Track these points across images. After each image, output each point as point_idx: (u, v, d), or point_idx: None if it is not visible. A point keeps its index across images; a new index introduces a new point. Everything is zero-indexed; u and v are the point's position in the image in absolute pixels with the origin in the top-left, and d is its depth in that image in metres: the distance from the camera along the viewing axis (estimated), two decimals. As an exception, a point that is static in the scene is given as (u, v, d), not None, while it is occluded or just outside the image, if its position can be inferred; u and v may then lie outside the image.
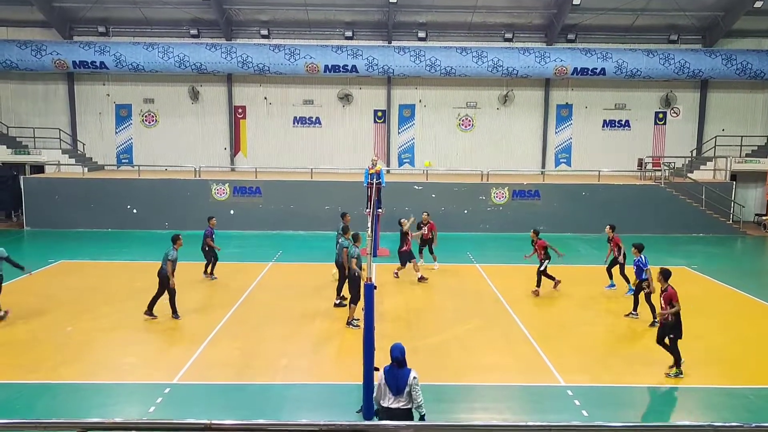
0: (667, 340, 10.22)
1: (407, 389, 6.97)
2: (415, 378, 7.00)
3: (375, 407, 7.34)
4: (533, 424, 3.11)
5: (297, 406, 9.20)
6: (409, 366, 7.11)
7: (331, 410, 9.02)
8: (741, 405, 9.40)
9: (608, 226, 15.79)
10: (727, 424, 2.98)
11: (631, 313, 13.34)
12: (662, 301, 10.31)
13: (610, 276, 15.60)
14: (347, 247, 12.72)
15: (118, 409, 9.05)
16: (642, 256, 13.14)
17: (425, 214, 17.97)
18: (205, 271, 16.39)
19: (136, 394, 9.61)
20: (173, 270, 12.64)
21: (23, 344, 11.44)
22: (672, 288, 10.24)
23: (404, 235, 16.56)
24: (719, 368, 10.74)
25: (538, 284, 15.18)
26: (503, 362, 10.92)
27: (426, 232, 17.64)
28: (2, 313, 12.59)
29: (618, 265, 15.34)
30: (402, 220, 16.94)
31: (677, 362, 10.17)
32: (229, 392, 9.64)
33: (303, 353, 11.25)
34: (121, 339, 11.87)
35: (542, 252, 15.31)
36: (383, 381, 7.04)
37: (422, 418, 7.07)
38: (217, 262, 16.50)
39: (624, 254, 15.11)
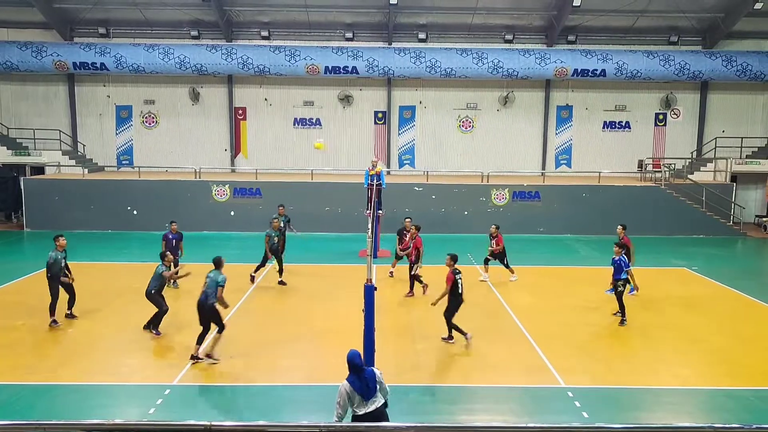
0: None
1: (378, 388, 6.99)
2: (380, 374, 7.10)
3: (335, 421, 6.92)
4: (534, 425, 3.11)
5: (297, 408, 9.19)
6: (375, 367, 7.16)
7: (331, 412, 8.98)
8: (742, 406, 9.39)
9: (620, 226, 15.60)
10: (727, 426, 2.98)
11: (617, 313, 13.14)
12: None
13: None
14: (220, 284, 10.78)
15: (118, 411, 9.05)
16: (623, 255, 13.05)
17: (407, 219, 16.52)
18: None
19: (136, 395, 9.61)
20: (162, 287, 12.29)
21: (23, 345, 11.44)
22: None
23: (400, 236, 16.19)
24: (720, 369, 10.73)
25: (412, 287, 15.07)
26: (504, 363, 10.91)
27: (407, 246, 15.78)
28: None
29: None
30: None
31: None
32: (229, 394, 9.63)
33: (303, 354, 11.24)
34: (121, 340, 11.87)
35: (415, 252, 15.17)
36: (351, 391, 6.89)
37: (386, 404, 7.10)
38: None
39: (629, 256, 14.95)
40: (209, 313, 10.65)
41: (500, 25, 26.43)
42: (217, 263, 11.04)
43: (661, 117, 27.61)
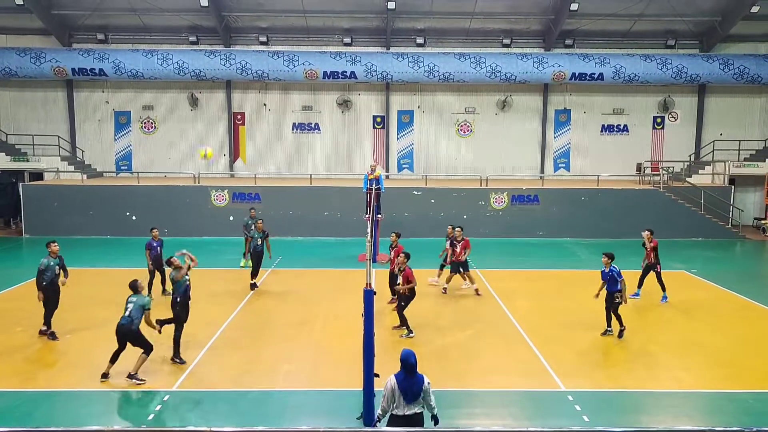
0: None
1: (421, 395, 6.95)
2: (428, 383, 7.00)
3: (379, 414, 7.16)
4: (534, 429, 3.11)
5: (297, 413, 9.17)
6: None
7: (331, 417, 9.00)
8: (741, 409, 9.39)
9: (647, 231, 15.03)
10: (727, 429, 2.98)
11: (606, 330, 12.40)
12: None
13: (641, 285, 15.12)
14: (147, 308, 10.41)
15: (117, 418, 9.02)
16: (614, 266, 12.31)
17: (393, 235, 15.45)
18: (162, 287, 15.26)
19: (135, 401, 9.58)
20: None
21: (22, 352, 11.41)
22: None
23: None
24: (719, 372, 10.73)
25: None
26: (504, 367, 10.91)
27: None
28: None
29: (654, 273, 14.83)
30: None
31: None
32: (229, 399, 9.61)
33: (303, 359, 11.22)
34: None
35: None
36: (396, 389, 6.93)
37: (435, 418, 7.10)
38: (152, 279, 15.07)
39: (658, 258, 14.71)
40: (133, 337, 10.14)
41: (498, 30, 26.51)
42: (134, 288, 10.51)
43: (659, 120, 27.68)
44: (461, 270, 15.48)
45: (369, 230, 11.45)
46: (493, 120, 27.59)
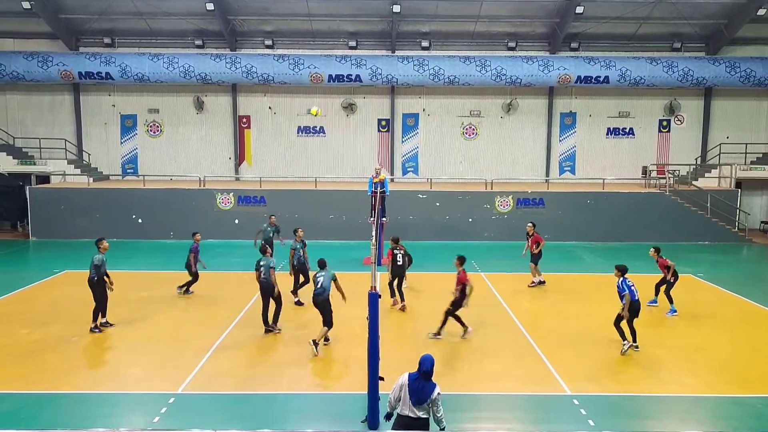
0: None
1: (428, 402, 6.92)
2: (439, 394, 6.95)
3: (388, 409, 7.21)
4: (539, 433, 3.09)
5: (301, 416, 9.17)
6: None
7: (335, 420, 8.99)
8: (749, 413, 9.33)
9: (651, 249, 14.60)
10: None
11: (627, 344, 11.82)
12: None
13: (657, 292, 14.96)
14: (334, 279, 11.98)
15: (122, 420, 9.03)
16: (626, 278, 11.90)
17: (391, 239, 15.43)
18: (186, 287, 15.78)
19: (140, 404, 9.59)
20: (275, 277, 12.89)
21: (28, 354, 11.45)
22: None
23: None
24: (727, 377, 10.67)
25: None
26: (509, 371, 10.87)
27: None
28: None
29: (666, 284, 14.57)
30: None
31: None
32: (234, 402, 9.61)
33: (307, 362, 11.22)
34: (126, 349, 11.88)
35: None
36: (405, 386, 6.94)
37: (443, 431, 7.06)
38: (195, 282, 15.78)
39: (674, 273, 14.36)
40: (323, 307, 11.77)
41: (503, 33, 26.51)
42: (322, 265, 12.17)
43: (665, 123, 27.60)
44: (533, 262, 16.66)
45: (374, 233, 11.46)
46: (499, 123, 27.56)
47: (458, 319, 12.41)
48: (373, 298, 8.55)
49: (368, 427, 8.51)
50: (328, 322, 11.70)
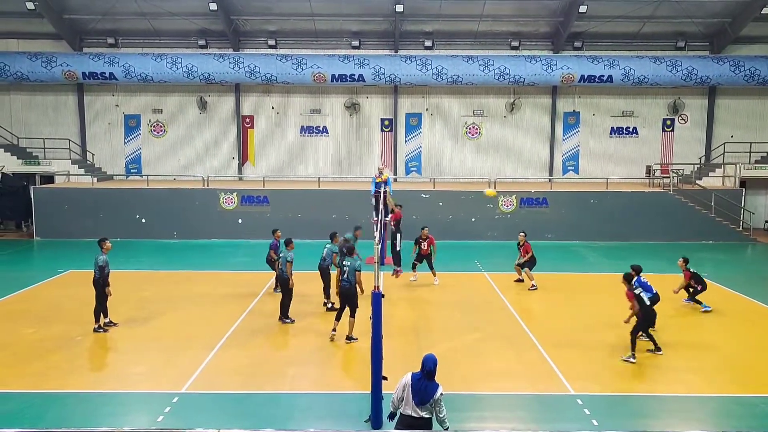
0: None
1: (430, 402, 6.92)
2: (441, 394, 6.94)
3: (392, 410, 7.19)
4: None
5: (305, 415, 9.18)
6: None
7: (338, 419, 9.00)
8: (751, 413, 9.31)
9: (681, 259, 14.66)
10: (738, 433, 2.96)
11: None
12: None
13: (694, 299, 14.90)
14: (358, 269, 12.08)
15: (126, 419, 9.06)
16: (640, 277, 12.24)
17: (425, 229, 17.09)
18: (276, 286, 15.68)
19: (144, 403, 9.62)
20: (291, 271, 13.17)
21: (32, 354, 11.49)
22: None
23: None
24: (730, 376, 10.64)
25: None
26: (512, 371, 10.87)
27: (425, 248, 16.73)
28: None
29: (693, 290, 14.64)
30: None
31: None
32: (237, 401, 9.63)
33: (311, 362, 11.24)
34: (130, 348, 11.91)
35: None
36: (408, 386, 6.94)
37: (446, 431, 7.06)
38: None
39: (702, 282, 14.51)
40: (350, 297, 12.04)
41: (506, 32, 26.48)
42: (350, 251, 12.27)
43: (669, 122, 27.53)
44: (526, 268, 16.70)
45: (377, 233, 11.46)
46: (502, 122, 27.54)
47: (650, 337, 11.66)
48: (376, 298, 8.56)
49: (371, 427, 8.51)
50: (353, 313, 12.07)
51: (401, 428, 6.97)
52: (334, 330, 12.25)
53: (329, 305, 14.32)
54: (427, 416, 6.94)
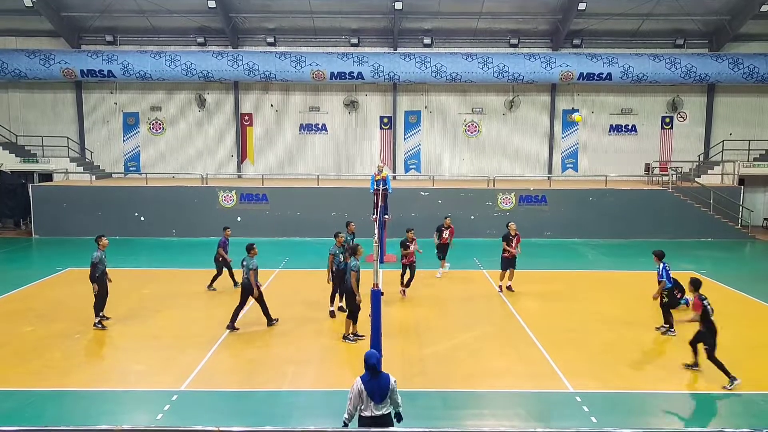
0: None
1: (389, 394, 6.91)
2: (395, 382, 6.97)
3: (345, 418, 6.94)
4: (542, 430, 3.10)
5: (304, 413, 9.18)
6: (385, 371, 7.04)
7: (338, 417, 8.97)
8: (751, 411, 9.33)
9: (690, 285, 13.07)
10: (736, 431, 2.97)
11: (664, 329, 12.51)
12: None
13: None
14: (355, 270, 11.92)
15: (126, 417, 9.07)
16: (665, 262, 12.57)
17: (448, 218, 18.05)
18: (210, 284, 15.98)
19: (144, 401, 9.63)
20: (255, 278, 12.69)
21: (31, 351, 11.49)
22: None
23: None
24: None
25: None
26: (511, 368, 10.88)
27: (445, 236, 17.59)
28: None
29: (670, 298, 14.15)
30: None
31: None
32: (237, 399, 9.64)
33: (310, 360, 11.24)
34: (129, 346, 11.91)
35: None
36: (363, 390, 6.85)
37: (399, 415, 7.05)
38: (219, 276, 15.97)
39: (682, 289, 14.39)
40: (348, 295, 12.11)
41: (505, 30, 26.46)
42: (354, 251, 12.16)
43: (667, 120, 27.54)
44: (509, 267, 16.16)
45: (376, 231, 11.48)
46: (501, 120, 27.53)
47: (696, 352, 10.90)
48: (376, 296, 8.57)
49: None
50: (351, 316, 12.08)
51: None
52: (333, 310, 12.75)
53: (335, 309, 13.92)
54: (386, 412, 6.92)
